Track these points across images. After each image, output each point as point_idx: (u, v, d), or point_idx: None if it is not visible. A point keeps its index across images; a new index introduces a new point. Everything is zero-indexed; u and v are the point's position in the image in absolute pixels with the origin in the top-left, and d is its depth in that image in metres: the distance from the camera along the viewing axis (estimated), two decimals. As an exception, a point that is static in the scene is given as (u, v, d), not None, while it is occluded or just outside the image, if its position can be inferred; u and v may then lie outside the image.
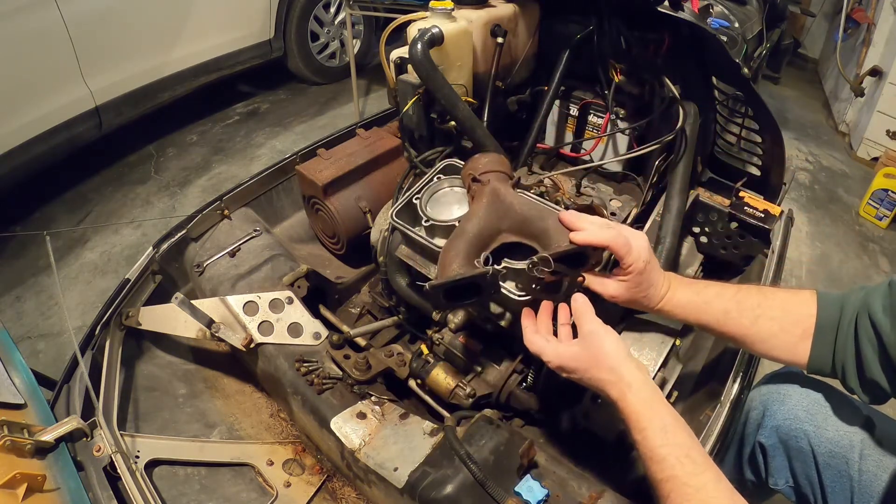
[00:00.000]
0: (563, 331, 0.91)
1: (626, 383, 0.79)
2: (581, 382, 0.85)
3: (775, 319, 0.83)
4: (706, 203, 1.57)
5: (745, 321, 0.84)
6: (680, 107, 1.42)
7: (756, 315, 0.84)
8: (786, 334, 0.83)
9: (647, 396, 0.78)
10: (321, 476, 1.29)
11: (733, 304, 0.86)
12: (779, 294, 0.86)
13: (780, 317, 0.83)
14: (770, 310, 0.84)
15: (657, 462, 0.72)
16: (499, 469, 1.02)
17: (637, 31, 1.48)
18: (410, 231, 1.19)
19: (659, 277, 0.89)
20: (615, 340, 0.83)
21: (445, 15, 1.42)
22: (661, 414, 0.76)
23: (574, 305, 0.89)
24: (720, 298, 0.87)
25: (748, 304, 0.85)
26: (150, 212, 2.77)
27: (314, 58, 3.86)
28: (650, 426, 0.75)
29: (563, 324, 0.91)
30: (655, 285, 0.89)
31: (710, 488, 0.69)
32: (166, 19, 2.97)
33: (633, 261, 0.87)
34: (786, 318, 0.83)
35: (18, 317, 2.17)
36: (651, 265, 0.88)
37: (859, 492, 0.89)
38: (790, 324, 0.83)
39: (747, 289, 0.88)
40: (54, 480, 0.95)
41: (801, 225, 2.83)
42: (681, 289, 0.90)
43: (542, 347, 0.88)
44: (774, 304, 0.85)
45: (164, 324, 1.34)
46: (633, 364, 0.81)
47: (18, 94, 2.42)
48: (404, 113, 1.48)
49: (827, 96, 4.27)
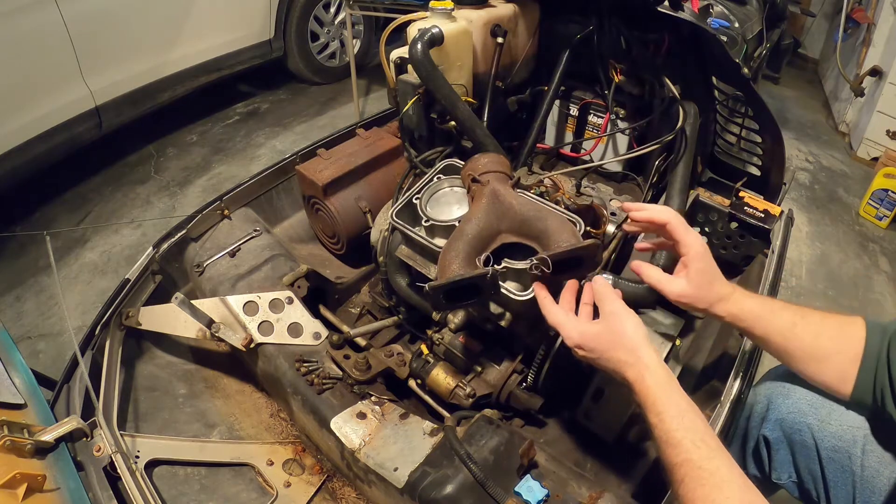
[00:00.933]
0: (585, 310, 0.90)
1: (644, 365, 0.79)
2: (597, 362, 0.85)
3: (833, 339, 0.83)
4: (706, 203, 1.57)
5: (808, 337, 0.84)
6: (680, 107, 1.42)
7: (818, 332, 0.84)
8: (840, 356, 0.83)
9: (664, 380, 0.78)
10: (321, 476, 1.29)
11: (798, 318, 0.85)
12: (836, 316, 0.87)
13: (838, 337, 0.83)
14: (829, 328, 0.84)
15: (673, 446, 0.72)
16: (499, 469, 1.02)
17: (637, 31, 1.48)
18: (410, 231, 1.19)
19: (721, 275, 0.89)
20: (637, 323, 0.83)
21: (445, 15, 1.42)
22: (677, 398, 0.76)
23: (595, 287, 0.89)
24: (786, 311, 0.86)
25: (811, 320, 0.85)
26: (150, 212, 2.77)
27: (314, 58, 3.86)
28: (666, 410, 0.75)
29: (587, 303, 0.90)
30: (719, 281, 0.88)
31: (724, 472, 0.69)
32: (166, 19, 2.97)
33: (692, 240, 0.87)
34: (842, 339, 0.83)
35: (18, 317, 2.17)
36: (709, 256, 0.88)
37: (861, 486, 0.90)
38: (845, 345, 0.83)
39: (807, 308, 0.88)
40: (54, 480, 0.95)
41: (801, 225, 2.83)
42: (746, 297, 0.89)
43: (563, 322, 0.88)
44: (833, 323, 0.85)
45: (164, 324, 1.35)
46: (651, 348, 0.81)
47: (18, 94, 2.41)
48: (404, 113, 1.48)
49: (827, 96, 4.27)
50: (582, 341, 0.85)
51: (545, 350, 1.20)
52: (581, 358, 0.87)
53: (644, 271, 0.92)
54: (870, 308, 2.40)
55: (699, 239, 0.88)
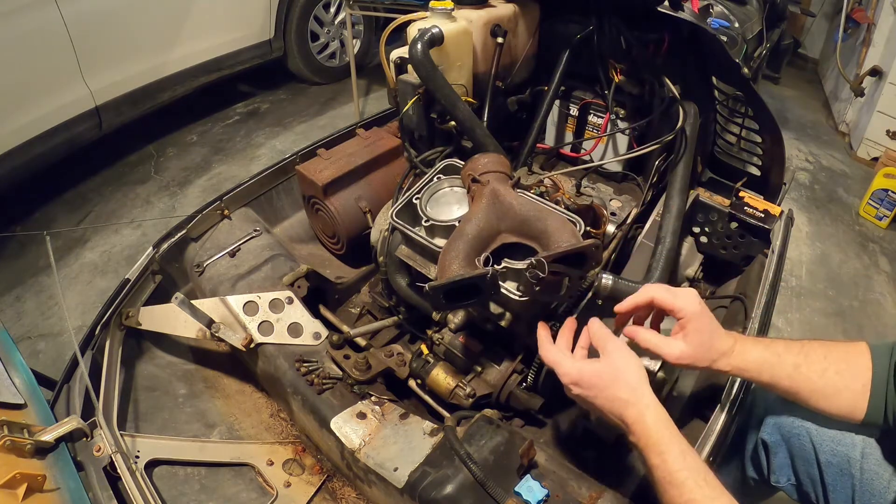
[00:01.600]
0: (581, 352, 0.90)
1: (644, 404, 0.78)
2: (593, 401, 0.83)
3: (840, 374, 0.82)
4: (706, 203, 1.57)
5: (814, 375, 0.83)
6: (680, 107, 1.42)
7: (823, 368, 0.83)
8: (849, 391, 0.82)
9: (664, 420, 0.77)
10: (321, 476, 1.29)
11: (802, 358, 0.84)
12: (839, 346, 0.86)
13: (845, 370, 0.82)
14: (835, 363, 0.83)
15: (676, 486, 0.72)
16: (499, 469, 1.02)
17: (637, 31, 1.48)
18: (410, 231, 1.19)
19: (720, 329, 0.87)
20: (638, 364, 0.83)
21: (445, 15, 1.42)
22: (677, 438, 0.76)
23: (592, 329, 0.88)
24: (789, 352, 0.85)
25: (815, 357, 0.84)
26: (150, 212, 2.77)
27: (314, 58, 3.86)
28: (669, 450, 0.74)
29: (583, 347, 0.90)
30: (719, 336, 0.86)
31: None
32: (166, 19, 2.97)
33: (683, 304, 0.85)
34: (849, 372, 0.82)
35: (18, 317, 2.17)
36: (706, 313, 0.86)
37: (861, 490, 0.89)
38: (852, 378, 0.82)
39: (809, 342, 0.87)
40: (54, 480, 0.95)
41: (801, 225, 2.84)
42: (749, 346, 0.87)
43: (560, 360, 0.87)
44: (838, 356, 0.84)
45: (164, 324, 1.35)
46: (649, 388, 0.81)
47: (18, 94, 2.41)
48: (404, 113, 1.48)
49: (827, 96, 4.27)
50: (580, 378, 0.83)
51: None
52: (575, 397, 0.85)
53: (639, 337, 0.89)
54: (870, 308, 2.40)
55: (691, 298, 0.85)
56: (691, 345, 0.85)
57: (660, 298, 0.86)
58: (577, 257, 0.97)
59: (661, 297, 0.86)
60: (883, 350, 0.82)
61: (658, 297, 0.86)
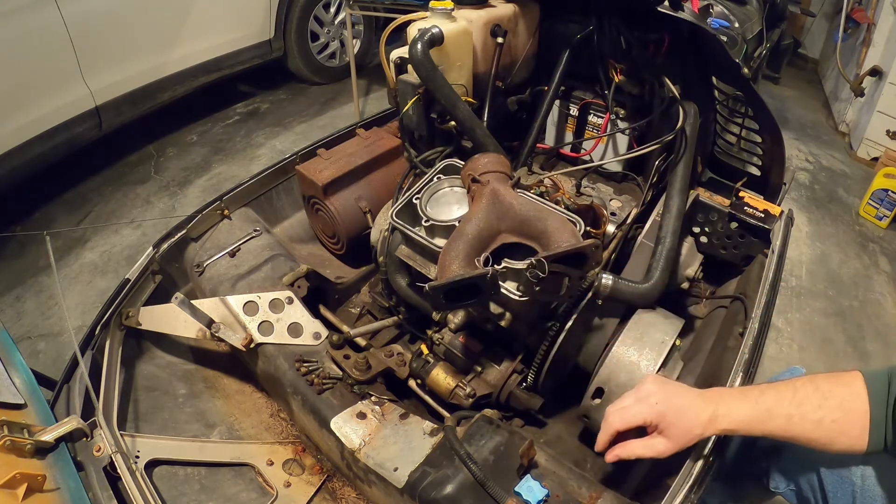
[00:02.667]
0: None
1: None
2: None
3: (837, 422, 0.80)
4: (706, 203, 1.57)
5: (809, 426, 0.81)
6: (680, 107, 1.42)
7: (819, 417, 0.81)
8: (846, 437, 0.81)
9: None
10: (321, 476, 1.29)
11: (794, 409, 0.82)
12: (834, 391, 0.82)
13: (841, 418, 0.80)
14: (831, 411, 0.81)
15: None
16: (499, 469, 1.02)
17: (637, 31, 1.48)
18: (410, 231, 1.19)
19: (694, 403, 0.85)
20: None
21: (445, 15, 1.42)
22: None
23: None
24: (779, 405, 0.83)
25: (809, 407, 0.81)
26: (150, 212, 2.77)
27: (314, 58, 3.86)
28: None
29: None
30: (695, 413, 0.84)
31: None
32: (166, 19, 2.97)
33: (644, 415, 0.86)
34: (846, 419, 0.80)
35: (18, 317, 2.17)
36: (669, 404, 0.85)
37: (861, 497, 0.89)
38: (849, 425, 0.80)
39: (801, 386, 0.83)
40: (54, 480, 0.95)
41: (801, 225, 2.83)
42: (736, 402, 0.85)
43: None
44: (833, 403, 0.81)
45: (164, 324, 1.35)
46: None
47: (18, 94, 2.41)
48: (404, 113, 1.48)
49: (827, 96, 4.27)
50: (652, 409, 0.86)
51: (545, 349, 1.20)
52: None
53: (625, 453, 0.88)
54: (870, 308, 2.40)
55: (649, 402, 0.86)
56: (672, 437, 0.85)
57: (623, 426, 0.87)
58: (577, 257, 0.97)
59: (623, 424, 0.87)
60: (879, 382, 0.80)
61: (620, 426, 0.87)
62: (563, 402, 1.42)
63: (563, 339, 1.18)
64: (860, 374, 0.82)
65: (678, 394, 0.87)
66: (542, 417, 1.39)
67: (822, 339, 2.22)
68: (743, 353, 1.12)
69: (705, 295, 1.70)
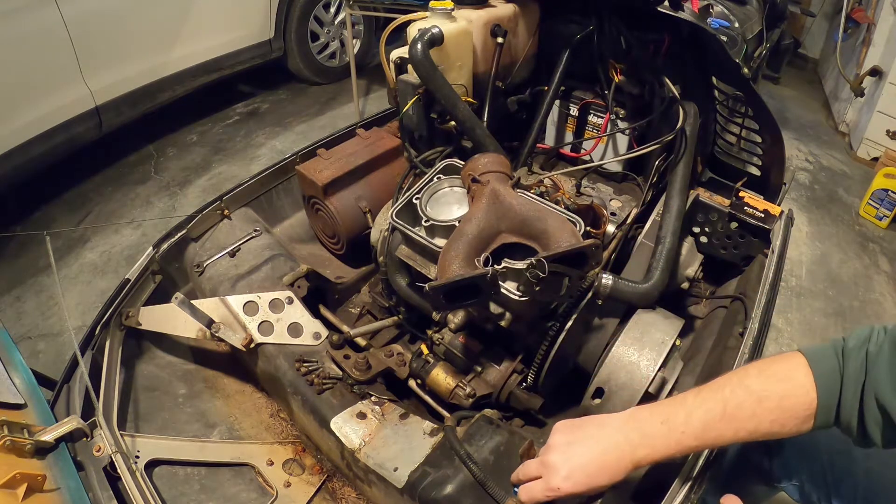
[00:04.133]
0: None
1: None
2: None
3: (776, 422, 0.74)
4: (706, 203, 1.57)
5: (743, 434, 0.75)
6: (680, 107, 1.42)
7: (754, 426, 0.74)
8: (785, 429, 0.74)
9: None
10: (321, 476, 1.29)
11: (725, 425, 0.74)
12: (772, 388, 0.74)
13: (782, 419, 0.73)
14: (769, 413, 0.73)
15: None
16: (499, 469, 1.02)
17: (637, 31, 1.48)
18: (410, 231, 1.19)
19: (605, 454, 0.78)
20: None
21: (445, 15, 1.42)
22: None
23: None
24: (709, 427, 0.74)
25: (741, 416, 0.74)
26: (150, 212, 2.77)
27: (314, 58, 3.86)
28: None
29: None
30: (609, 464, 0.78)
31: None
32: (166, 19, 2.97)
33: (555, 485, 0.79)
34: (787, 418, 0.73)
35: (18, 317, 2.17)
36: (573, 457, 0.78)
37: (865, 491, 0.89)
38: (791, 420, 0.74)
39: (732, 393, 0.75)
40: (54, 480, 0.95)
41: (801, 225, 2.84)
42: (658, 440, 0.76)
43: None
44: (770, 404, 0.73)
45: (164, 324, 1.34)
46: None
47: (18, 94, 2.42)
48: (404, 113, 1.48)
49: (827, 96, 4.27)
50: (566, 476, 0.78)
51: (545, 349, 1.20)
52: None
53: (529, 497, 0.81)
54: (869, 308, 2.40)
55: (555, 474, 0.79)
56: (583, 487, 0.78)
57: None
58: (577, 257, 0.97)
59: None
60: (829, 369, 0.73)
61: None
62: (563, 402, 1.42)
63: (563, 339, 1.18)
64: (803, 357, 0.75)
65: (585, 449, 0.79)
66: (542, 417, 1.39)
67: (822, 338, 2.22)
68: (743, 353, 1.12)
69: (705, 295, 1.70)
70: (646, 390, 1.15)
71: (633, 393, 1.16)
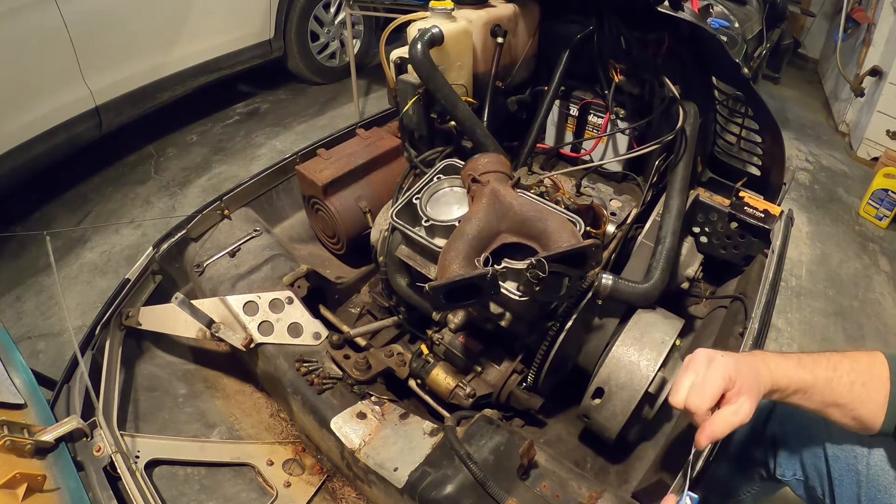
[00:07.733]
0: None
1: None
2: None
3: (865, 385, 0.82)
4: (706, 203, 1.57)
5: (842, 389, 0.83)
6: (680, 107, 1.42)
7: (851, 381, 0.83)
8: (872, 402, 0.82)
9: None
10: (321, 476, 1.29)
11: (831, 371, 0.84)
12: (860, 357, 0.85)
13: (869, 381, 0.83)
14: (861, 375, 0.83)
15: None
16: (499, 469, 1.02)
17: (637, 31, 1.48)
18: (410, 231, 1.19)
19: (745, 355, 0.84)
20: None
21: (445, 15, 1.42)
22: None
23: None
24: (818, 365, 0.84)
25: (843, 370, 0.83)
26: (150, 212, 2.77)
27: (314, 58, 3.86)
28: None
29: None
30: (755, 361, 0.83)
31: None
32: (166, 19, 2.97)
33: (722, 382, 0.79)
34: (872, 384, 0.82)
35: (18, 317, 2.17)
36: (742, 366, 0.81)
37: (867, 485, 0.89)
38: (875, 390, 0.82)
39: (830, 354, 0.86)
40: (54, 480, 0.95)
41: (801, 225, 2.83)
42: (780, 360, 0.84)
43: None
44: (861, 368, 0.83)
45: (164, 324, 1.35)
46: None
47: (18, 94, 2.41)
48: (404, 113, 1.48)
49: (827, 96, 4.27)
50: None
51: (545, 349, 1.20)
52: None
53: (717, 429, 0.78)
54: (870, 308, 2.40)
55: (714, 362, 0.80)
56: (750, 391, 0.79)
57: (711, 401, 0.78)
58: (577, 257, 0.97)
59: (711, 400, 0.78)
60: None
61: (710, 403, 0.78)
62: (563, 402, 1.42)
63: (563, 339, 1.18)
64: (880, 352, 0.84)
65: (729, 352, 0.84)
66: (542, 417, 1.39)
67: (822, 338, 2.22)
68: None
69: (705, 295, 1.70)
70: (646, 390, 1.16)
71: (633, 393, 1.16)
